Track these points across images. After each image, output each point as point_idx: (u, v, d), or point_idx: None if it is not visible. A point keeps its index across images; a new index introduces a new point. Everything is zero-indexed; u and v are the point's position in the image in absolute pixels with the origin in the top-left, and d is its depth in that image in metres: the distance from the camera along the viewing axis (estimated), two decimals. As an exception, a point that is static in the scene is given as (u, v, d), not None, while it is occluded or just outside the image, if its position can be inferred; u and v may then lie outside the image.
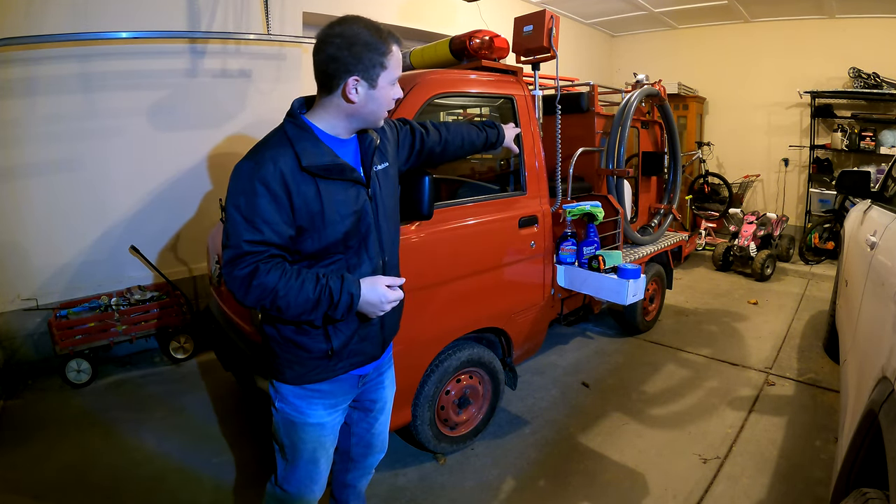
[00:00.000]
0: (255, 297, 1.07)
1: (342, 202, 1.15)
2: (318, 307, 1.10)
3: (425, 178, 1.63)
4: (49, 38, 2.74)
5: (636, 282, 2.28)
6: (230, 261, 1.07)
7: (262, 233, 1.06)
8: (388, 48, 1.11)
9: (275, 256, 1.09)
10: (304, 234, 1.12)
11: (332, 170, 1.13)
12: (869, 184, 2.69)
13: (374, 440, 1.50)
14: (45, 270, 2.99)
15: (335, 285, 1.11)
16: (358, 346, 1.27)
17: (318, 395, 1.26)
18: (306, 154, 1.10)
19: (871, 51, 5.26)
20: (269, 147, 1.11)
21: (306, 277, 1.09)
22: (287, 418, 1.27)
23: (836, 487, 1.28)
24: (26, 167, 2.85)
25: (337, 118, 1.16)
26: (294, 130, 1.13)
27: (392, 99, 1.17)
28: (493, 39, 2.28)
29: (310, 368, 1.22)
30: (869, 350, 1.45)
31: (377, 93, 1.13)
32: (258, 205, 1.06)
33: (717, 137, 6.47)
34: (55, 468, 2.15)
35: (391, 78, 1.14)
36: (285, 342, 1.22)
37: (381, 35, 1.11)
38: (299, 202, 1.09)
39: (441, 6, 4.67)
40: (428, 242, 1.91)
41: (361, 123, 1.19)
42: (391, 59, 1.12)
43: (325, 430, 1.30)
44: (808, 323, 3.71)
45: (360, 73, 1.09)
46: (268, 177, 1.06)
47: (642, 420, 2.48)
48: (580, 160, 2.79)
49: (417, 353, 1.97)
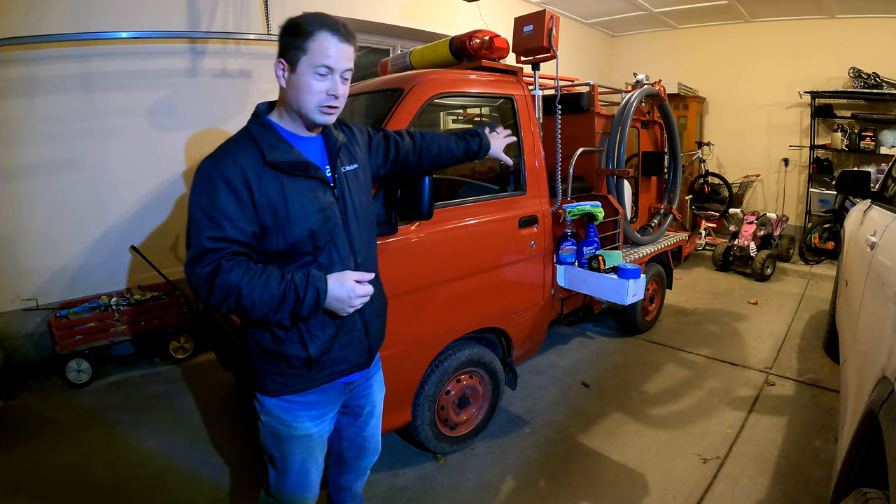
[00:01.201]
0: (218, 295, 1.05)
1: (307, 200, 1.13)
2: (284, 304, 1.07)
3: (425, 178, 1.63)
4: (49, 38, 2.74)
5: (636, 282, 2.28)
6: (193, 259, 1.06)
7: (223, 229, 1.05)
8: (311, 31, 1.08)
9: (238, 254, 1.08)
10: (267, 232, 1.10)
11: (296, 167, 1.12)
12: (869, 184, 2.69)
13: (365, 443, 1.48)
14: (45, 270, 2.99)
15: (300, 281, 1.08)
16: (341, 354, 1.24)
17: (303, 406, 1.24)
18: (270, 150, 1.10)
19: (871, 51, 5.26)
20: (230, 144, 1.12)
21: (271, 274, 1.07)
22: (274, 432, 1.26)
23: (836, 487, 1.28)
24: (26, 167, 2.85)
25: (284, 109, 1.17)
26: (257, 129, 1.14)
27: (324, 92, 1.11)
28: (493, 39, 2.28)
29: (290, 378, 1.20)
30: (869, 350, 1.45)
31: (297, 78, 1.10)
32: (219, 201, 1.05)
33: (717, 137, 6.47)
34: (55, 468, 2.15)
35: (312, 63, 1.09)
36: (263, 353, 1.20)
37: (312, 19, 1.10)
38: (261, 199, 1.08)
39: (441, 6, 4.67)
40: (428, 242, 1.91)
41: (297, 115, 1.15)
42: (312, 43, 1.08)
43: (314, 441, 1.28)
44: (808, 323, 3.71)
45: (284, 56, 1.11)
46: (228, 172, 1.06)
47: (642, 420, 2.48)
48: (580, 160, 2.79)
49: (417, 353, 1.96)
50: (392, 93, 2.03)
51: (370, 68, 4.50)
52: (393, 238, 1.79)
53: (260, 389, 1.23)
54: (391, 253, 1.80)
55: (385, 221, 1.77)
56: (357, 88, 2.34)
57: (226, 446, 2.28)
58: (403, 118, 1.89)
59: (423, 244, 1.90)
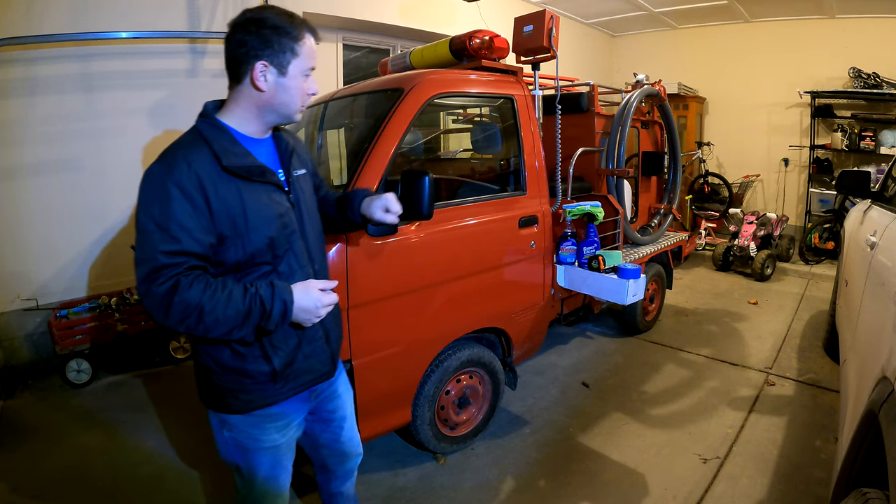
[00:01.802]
0: (176, 316, 0.97)
1: (265, 206, 1.08)
2: (249, 319, 1.01)
3: (425, 178, 1.63)
4: (49, 38, 2.74)
5: (636, 282, 2.28)
6: (147, 277, 0.97)
7: (179, 241, 0.97)
8: (300, 34, 1.06)
9: (195, 268, 1.00)
10: (225, 241, 1.03)
11: (253, 171, 1.06)
12: (869, 184, 2.69)
13: (344, 448, 1.45)
14: (45, 270, 2.99)
15: (266, 293, 1.03)
16: (305, 364, 1.20)
17: (269, 419, 1.19)
18: (226, 154, 1.04)
19: (871, 51, 5.26)
20: (181, 147, 1.03)
21: (233, 288, 1.01)
22: (240, 444, 1.20)
23: (836, 487, 1.28)
24: (26, 167, 2.85)
25: (248, 112, 1.10)
26: (209, 130, 1.06)
27: (307, 93, 1.12)
28: (493, 39, 2.28)
29: (254, 395, 1.14)
30: (869, 350, 1.45)
31: (288, 81, 1.07)
32: (173, 210, 0.96)
33: (717, 137, 6.47)
34: (55, 468, 2.15)
35: (303, 67, 1.08)
36: (225, 371, 1.12)
37: (293, 21, 1.07)
38: (218, 206, 1.01)
39: (441, 6, 4.67)
40: (428, 242, 1.91)
41: (275, 117, 1.12)
42: (303, 47, 1.07)
43: (281, 450, 1.24)
44: (808, 323, 3.71)
45: (269, 58, 1.04)
46: (182, 179, 0.98)
47: (642, 420, 2.48)
48: (580, 160, 2.79)
49: (417, 353, 1.96)
50: (392, 93, 2.03)
51: (370, 68, 4.51)
52: (393, 238, 1.79)
53: (223, 409, 1.16)
54: (391, 253, 1.80)
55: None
56: (357, 88, 2.34)
57: (226, 446, 2.28)
58: (403, 118, 1.89)
59: (423, 244, 1.90)
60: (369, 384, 1.80)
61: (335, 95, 2.48)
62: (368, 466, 2.14)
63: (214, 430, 1.24)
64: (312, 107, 2.59)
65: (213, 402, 1.18)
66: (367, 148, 1.82)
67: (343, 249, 1.67)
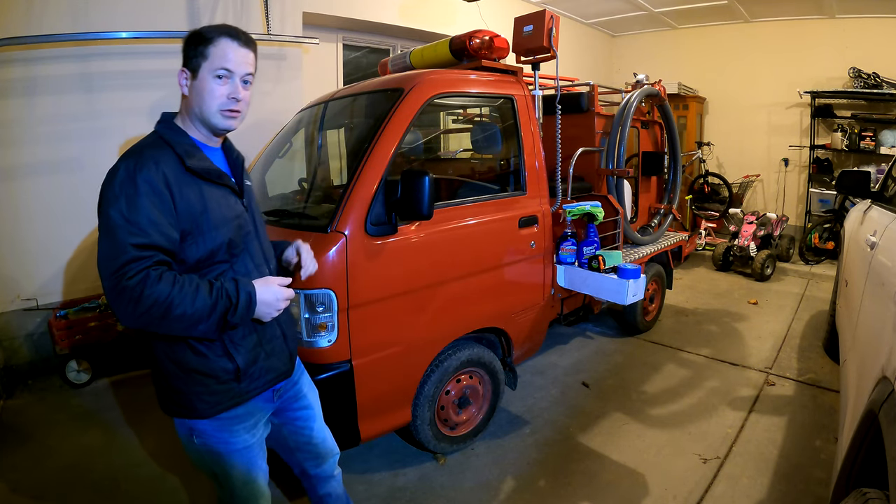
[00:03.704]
0: (144, 310, 0.98)
1: (224, 207, 1.14)
2: (215, 312, 1.04)
3: (425, 178, 1.63)
4: (49, 38, 2.73)
5: (636, 282, 2.28)
6: (115, 272, 0.97)
7: (148, 235, 1.00)
8: (210, 37, 1.11)
9: (162, 263, 1.03)
10: (187, 239, 1.08)
11: (211, 173, 1.13)
12: (869, 184, 2.69)
13: (318, 449, 1.46)
14: (45, 270, 2.99)
15: (230, 287, 1.07)
16: (267, 363, 1.24)
17: (237, 420, 1.21)
18: (189, 156, 1.10)
19: (871, 51, 5.26)
20: (147, 148, 1.09)
21: (200, 283, 1.05)
22: (212, 449, 1.20)
23: (836, 487, 1.28)
24: (26, 167, 2.85)
25: (186, 118, 1.16)
26: (171, 134, 1.13)
27: (224, 95, 1.12)
28: (493, 39, 2.28)
29: (221, 396, 1.15)
30: (869, 350, 1.45)
31: (199, 83, 1.11)
32: (142, 205, 1.00)
33: (717, 137, 6.47)
34: (55, 468, 2.15)
35: (213, 67, 1.10)
36: (188, 373, 1.13)
37: (213, 27, 1.13)
38: (182, 205, 1.06)
39: (441, 6, 4.67)
40: (428, 242, 1.91)
41: (200, 121, 1.15)
42: (213, 48, 1.10)
43: (253, 450, 1.26)
44: (808, 323, 3.71)
45: (186, 64, 1.12)
46: (151, 176, 1.03)
47: (642, 420, 2.48)
48: (580, 160, 2.79)
49: (417, 353, 1.96)
50: (392, 93, 2.03)
51: (370, 68, 4.51)
52: (393, 238, 1.79)
53: (188, 414, 1.16)
54: (391, 253, 1.80)
55: (385, 221, 1.77)
56: (357, 88, 2.34)
57: (226, 446, 2.28)
58: (403, 118, 1.89)
59: (423, 244, 1.90)
60: (369, 384, 1.80)
61: (335, 95, 2.48)
62: (368, 466, 2.14)
63: (183, 441, 1.23)
64: (312, 107, 2.59)
65: (179, 408, 1.17)
66: (367, 148, 1.82)
67: (343, 249, 1.67)
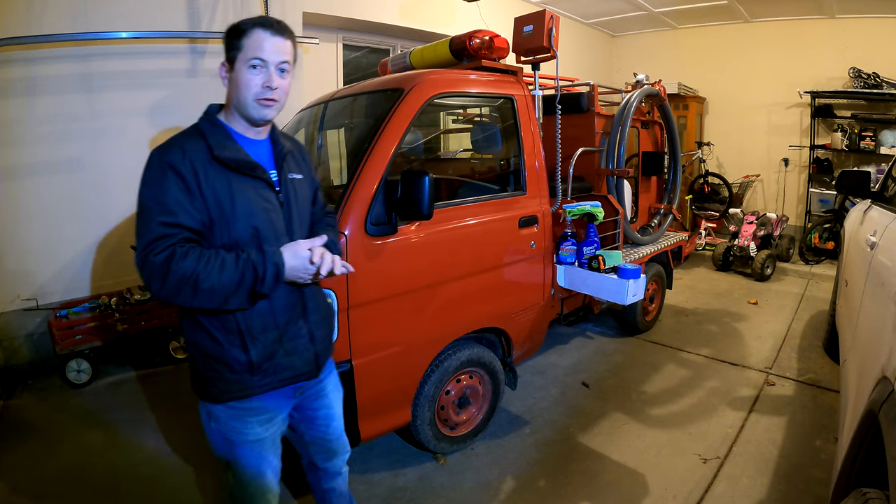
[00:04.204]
0: (172, 284, 1.02)
1: (252, 199, 1.15)
2: (243, 283, 1.07)
3: (425, 178, 1.63)
4: (49, 38, 2.74)
5: (636, 282, 2.28)
6: (145, 248, 1.04)
7: (175, 214, 1.05)
8: (245, 30, 1.13)
9: (189, 241, 1.07)
10: (213, 225, 1.11)
11: (242, 165, 1.14)
12: (869, 184, 2.69)
13: (331, 445, 1.47)
14: (45, 270, 2.99)
15: (257, 257, 1.09)
16: (285, 361, 1.23)
17: (251, 412, 1.22)
18: (218, 146, 1.13)
19: (871, 51, 5.26)
20: (179, 137, 1.14)
21: (226, 256, 1.07)
22: (225, 437, 1.24)
23: (836, 487, 1.28)
24: (26, 167, 2.85)
25: (229, 109, 1.20)
26: (207, 125, 1.17)
27: (259, 85, 1.13)
28: (493, 39, 2.28)
29: (231, 385, 1.18)
30: (869, 350, 1.45)
31: (235, 75, 1.14)
32: (168, 188, 1.06)
33: (717, 137, 6.47)
34: (55, 468, 2.15)
35: (247, 57, 1.12)
36: (205, 358, 1.18)
37: (247, 21, 1.15)
38: (208, 192, 1.09)
39: (441, 6, 4.67)
40: (428, 242, 1.91)
41: (238, 112, 1.18)
42: (246, 40, 1.13)
43: (265, 445, 1.27)
44: (808, 323, 3.71)
45: (226, 57, 1.16)
46: (176, 161, 1.07)
47: (642, 420, 2.48)
48: (580, 160, 2.79)
49: (417, 353, 1.96)
50: (392, 93, 2.03)
51: (370, 68, 4.51)
52: (393, 238, 1.79)
53: (204, 396, 1.21)
54: (391, 253, 1.80)
55: (385, 221, 1.77)
56: (357, 88, 2.34)
57: (226, 446, 2.28)
58: (403, 118, 1.89)
59: (423, 244, 1.90)
60: (369, 384, 1.80)
61: (335, 95, 2.48)
62: (368, 466, 2.14)
63: (203, 422, 1.28)
64: (312, 107, 2.59)
65: (197, 389, 1.24)
66: (367, 148, 1.82)
67: (343, 249, 1.67)
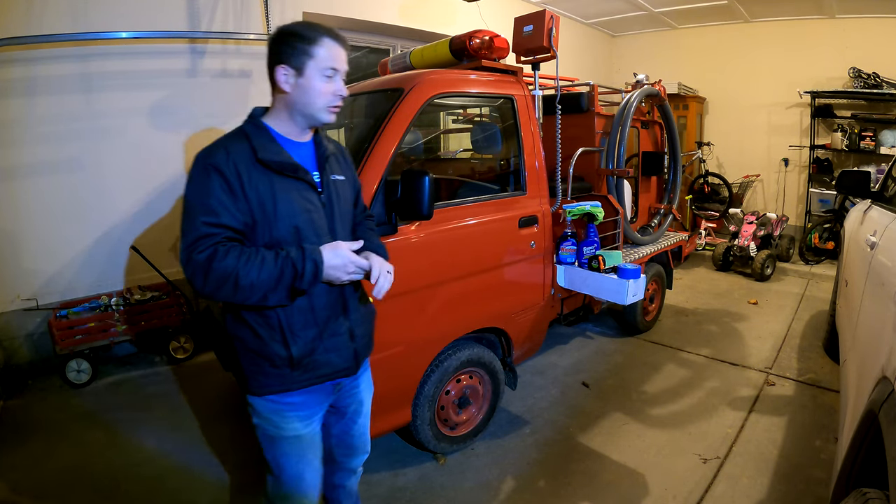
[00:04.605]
0: (214, 282, 1.06)
1: (294, 199, 1.17)
2: (282, 280, 1.09)
3: (425, 178, 1.63)
4: (49, 38, 2.74)
5: (636, 282, 2.27)
6: (188, 246, 1.07)
7: (218, 215, 1.08)
8: (316, 38, 1.15)
9: (231, 240, 1.10)
10: (255, 227, 1.14)
11: (285, 167, 1.16)
12: (869, 184, 2.69)
13: (354, 442, 1.49)
14: (45, 270, 2.99)
15: (296, 255, 1.11)
16: (324, 357, 1.25)
17: (291, 407, 1.24)
18: (262, 148, 1.15)
19: (871, 51, 5.26)
20: (224, 138, 1.17)
21: (265, 254, 1.10)
22: (265, 433, 1.27)
23: (836, 487, 1.28)
24: (26, 167, 2.85)
25: (282, 113, 1.21)
26: (251, 128, 1.19)
27: (331, 93, 1.18)
28: (493, 39, 2.28)
29: (272, 378, 1.20)
30: (869, 350, 1.45)
31: (306, 82, 1.16)
32: (212, 188, 1.09)
33: (717, 137, 6.47)
34: (55, 468, 2.15)
35: (321, 67, 1.16)
36: (247, 353, 1.21)
37: (314, 27, 1.17)
38: (251, 193, 1.12)
39: (441, 6, 4.66)
40: (428, 242, 1.91)
41: (303, 118, 1.21)
42: (319, 49, 1.15)
43: (304, 442, 1.28)
44: (808, 323, 3.71)
45: (288, 62, 1.15)
46: (220, 163, 1.10)
47: (642, 420, 2.48)
48: (580, 160, 2.79)
49: (417, 353, 1.96)
50: (392, 93, 2.03)
51: (370, 68, 4.50)
52: (393, 238, 1.79)
53: (247, 389, 1.24)
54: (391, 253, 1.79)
55: (385, 221, 1.77)
56: (357, 88, 2.34)
57: (226, 446, 2.28)
58: (403, 118, 1.89)
59: (423, 244, 1.90)
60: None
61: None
62: (368, 466, 2.12)
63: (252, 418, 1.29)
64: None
65: (240, 381, 1.27)
66: (367, 148, 1.82)
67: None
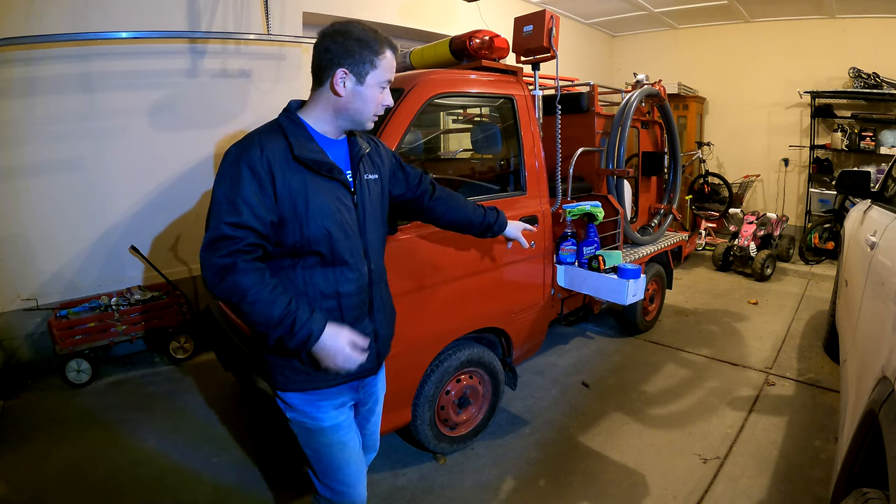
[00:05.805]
0: (224, 290, 1.06)
1: (328, 199, 1.15)
2: (278, 328, 1.08)
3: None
4: (49, 38, 2.73)
5: (636, 282, 2.27)
6: (209, 244, 1.07)
7: (241, 215, 1.06)
8: (381, 49, 1.15)
9: (254, 245, 1.08)
10: (285, 224, 1.11)
11: (321, 166, 1.15)
12: (869, 184, 2.69)
13: (366, 439, 1.49)
14: (45, 270, 2.99)
15: (302, 316, 1.09)
16: None
17: (323, 396, 1.24)
18: (299, 145, 1.13)
19: (871, 51, 5.26)
20: (259, 133, 1.14)
21: (279, 296, 1.08)
22: (302, 426, 1.26)
23: (836, 487, 1.28)
24: (26, 167, 2.85)
25: (325, 113, 1.19)
26: (288, 123, 1.16)
27: (381, 103, 1.20)
28: (493, 39, 2.28)
29: (299, 375, 1.21)
30: (869, 350, 1.45)
31: (364, 90, 1.16)
32: (241, 187, 1.06)
33: (717, 137, 6.47)
34: (55, 468, 2.15)
35: (380, 79, 1.17)
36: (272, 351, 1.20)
37: (377, 36, 1.16)
38: (283, 191, 1.09)
39: (441, 6, 4.67)
40: (427, 242, 1.91)
41: (348, 122, 1.20)
42: (382, 61, 1.16)
43: (342, 430, 1.28)
44: (808, 323, 3.71)
45: (349, 67, 1.13)
46: (253, 160, 1.08)
47: (642, 420, 2.48)
48: (580, 160, 2.79)
49: (417, 354, 1.96)
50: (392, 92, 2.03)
51: (370, 68, 4.50)
52: (393, 238, 1.79)
53: (274, 385, 1.24)
54: (391, 253, 1.79)
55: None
56: (357, 88, 2.34)
57: (226, 446, 2.28)
58: (403, 118, 1.89)
59: (423, 244, 1.90)
60: (369, 384, 1.79)
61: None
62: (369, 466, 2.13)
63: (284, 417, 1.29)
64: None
65: (267, 379, 1.25)
66: (367, 148, 1.82)
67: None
